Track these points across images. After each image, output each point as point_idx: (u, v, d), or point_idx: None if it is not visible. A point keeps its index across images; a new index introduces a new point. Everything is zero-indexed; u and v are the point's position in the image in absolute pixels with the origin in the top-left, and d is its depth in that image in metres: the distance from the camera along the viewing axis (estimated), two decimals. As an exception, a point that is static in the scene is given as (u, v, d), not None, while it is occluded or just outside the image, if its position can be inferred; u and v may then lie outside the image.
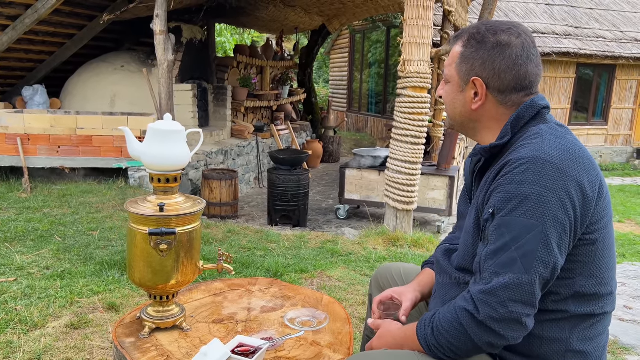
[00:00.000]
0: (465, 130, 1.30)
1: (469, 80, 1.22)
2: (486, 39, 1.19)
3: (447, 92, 1.29)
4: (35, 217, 4.26)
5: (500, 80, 1.19)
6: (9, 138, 5.12)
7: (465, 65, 1.22)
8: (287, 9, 7.85)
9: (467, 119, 1.27)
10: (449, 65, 1.28)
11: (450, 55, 1.28)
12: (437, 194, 5.65)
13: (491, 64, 1.18)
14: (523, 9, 11.92)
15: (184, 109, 6.24)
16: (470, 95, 1.23)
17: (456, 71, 1.25)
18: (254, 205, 6.77)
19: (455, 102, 1.27)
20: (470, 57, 1.21)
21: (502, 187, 1.08)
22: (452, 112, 1.29)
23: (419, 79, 4.49)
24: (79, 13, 5.89)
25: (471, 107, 1.23)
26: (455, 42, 1.26)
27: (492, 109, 1.22)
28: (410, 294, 1.43)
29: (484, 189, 1.16)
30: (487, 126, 1.24)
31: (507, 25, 1.21)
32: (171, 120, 1.55)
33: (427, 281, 1.49)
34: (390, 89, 12.83)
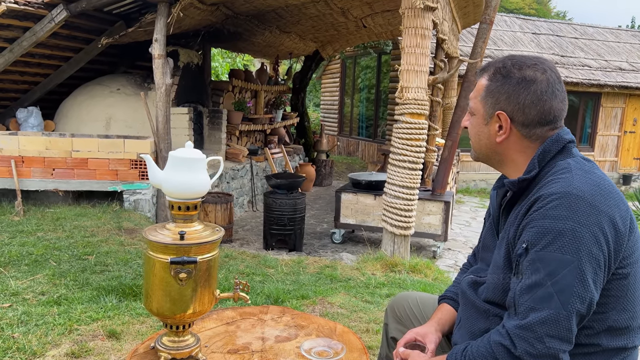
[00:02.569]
0: (490, 162, 1.32)
1: (494, 114, 1.24)
2: (512, 74, 1.22)
3: (472, 124, 1.31)
4: (29, 241, 4.19)
5: (524, 115, 1.21)
6: (3, 160, 5.05)
7: (491, 99, 1.25)
8: (282, 34, 7.95)
9: (492, 151, 1.28)
10: (474, 97, 1.30)
11: (476, 88, 1.30)
12: (433, 218, 5.67)
13: (516, 98, 1.21)
14: (511, 37, 12.23)
15: (180, 132, 6.23)
16: (494, 128, 1.25)
17: (481, 104, 1.27)
18: (248, 229, 6.73)
19: (480, 134, 1.29)
20: (496, 91, 1.24)
21: (535, 222, 1.09)
22: (477, 144, 1.31)
23: (416, 105, 4.55)
24: (77, 36, 5.90)
25: (495, 139, 1.25)
26: (481, 75, 1.29)
27: (516, 142, 1.24)
28: (432, 335, 1.42)
29: (515, 224, 1.16)
30: (512, 159, 1.26)
31: (532, 61, 1.24)
32: (192, 148, 1.55)
33: (446, 319, 1.49)
34: (380, 113, 12.97)
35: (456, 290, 1.57)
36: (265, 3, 5.99)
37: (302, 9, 6.66)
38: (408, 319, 1.65)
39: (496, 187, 1.38)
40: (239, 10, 6.21)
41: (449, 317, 1.49)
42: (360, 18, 7.66)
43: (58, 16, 5.11)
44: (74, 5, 5.11)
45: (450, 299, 1.55)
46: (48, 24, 5.16)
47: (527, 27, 13.10)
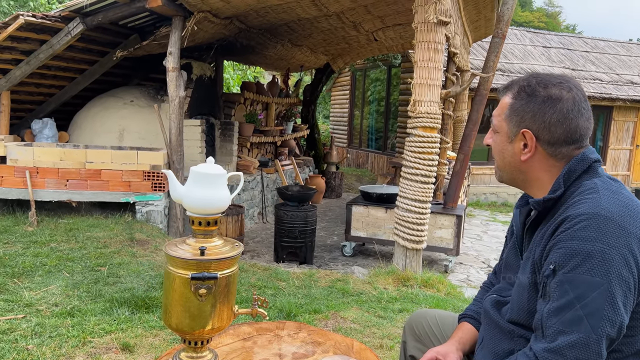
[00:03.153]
0: (514, 180, 1.31)
1: (519, 132, 1.23)
2: (537, 92, 1.21)
3: (495, 142, 1.31)
4: (43, 252, 4.21)
5: (550, 133, 1.20)
6: (18, 171, 5.11)
7: (515, 117, 1.24)
8: (294, 48, 8.01)
9: (516, 169, 1.28)
10: (497, 115, 1.29)
11: (500, 106, 1.30)
12: (445, 232, 5.64)
13: (541, 117, 1.20)
14: (521, 50, 12.22)
15: (192, 144, 6.27)
16: (519, 146, 1.24)
17: (505, 122, 1.27)
18: (259, 241, 6.73)
19: (504, 152, 1.28)
20: (521, 109, 1.23)
21: (562, 243, 1.08)
22: (501, 162, 1.30)
23: (429, 119, 4.55)
24: (92, 49, 5.98)
25: (520, 158, 1.25)
26: (505, 93, 1.29)
27: (541, 160, 1.23)
28: (454, 355, 1.41)
29: (540, 244, 1.15)
30: (537, 177, 1.25)
31: (558, 79, 1.23)
32: (213, 163, 1.56)
33: (467, 338, 1.47)
34: (390, 125, 12.99)
35: (477, 308, 1.55)
36: (278, 17, 6.05)
37: (315, 22, 6.71)
38: (427, 337, 1.63)
39: (519, 206, 1.36)
40: (252, 24, 6.27)
41: (470, 336, 1.47)
42: (371, 31, 7.70)
43: (74, 29, 5.19)
44: (90, 19, 5.18)
45: (471, 317, 1.54)
46: (64, 37, 5.24)
47: (538, 40, 13.10)
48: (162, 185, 5.33)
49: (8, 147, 5.14)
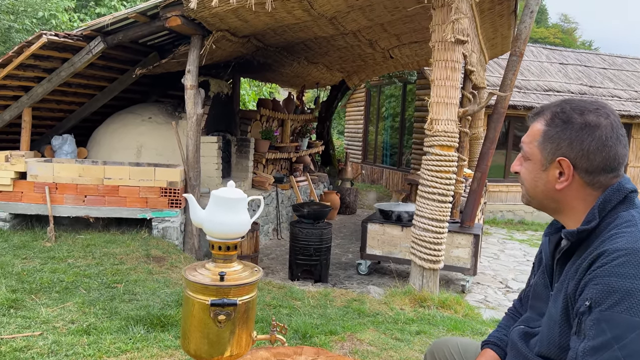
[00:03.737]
0: (545, 208, 1.28)
1: (554, 160, 1.20)
2: (573, 119, 1.18)
3: (527, 170, 1.27)
4: (60, 268, 4.24)
5: (589, 162, 1.17)
6: (37, 187, 5.17)
7: (550, 144, 1.21)
8: (310, 65, 8.06)
9: (549, 198, 1.24)
10: (529, 142, 1.26)
11: (530, 133, 1.26)
12: (462, 252, 5.56)
13: (579, 145, 1.17)
14: (538, 67, 12.16)
15: (208, 160, 6.31)
16: (554, 174, 1.21)
17: (539, 149, 1.23)
18: (273, 258, 6.70)
19: (537, 180, 1.25)
20: (556, 137, 1.20)
21: (599, 279, 1.04)
22: (533, 191, 1.26)
23: (446, 137, 4.52)
24: (112, 67, 6.08)
25: (555, 186, 1.21)
26: (535, 120, 1.25)
27: (578, 189, 1.20)
28: None
29: (575, 278, 1.11)
30: (571, 206, 1.22)
31: (594, 105, 1.20)
32: (234, 187, 1.56)
33: None
34: (405, 141, 12.96)
35: (500, 335, 1.51)
36: (295, 35, 6.10)
37: (331, 40, 6.75)
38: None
39: (548, 234, 1.33)
40: (269, 43, 6.33)
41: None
42: (387, 49, 7.73)
43: (95, 48, 5.28)
44: (111, 38, 5.28)
45: (494, 344, 1.50)
46: (86, 56, 5.33)
47: (554, 57, 13.02)
48: (179, 202, 5.36)
49: (28, 163, 5.21)
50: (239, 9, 4.59)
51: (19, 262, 4.31)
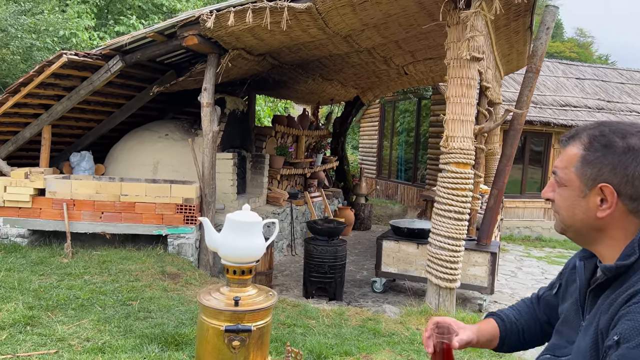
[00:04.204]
0: (582, 238, 1.21)
1: (596, 186, 1.14)
2: (614, 143, 1.13)
3: (563, 197, 1.21)
4: (76, 284, 4.27)
5: (634, 188, 1.11)
6: (56, 203, 5.24)
7: (590, 170, 1.15)
8: (325, 82, 8.10)
9: (589, 226, 1.17)
10: (564, 167, 1.20)
11: (565, 157, 1.20)
12: (478, 270, 5.48)
13: (623, 170, 1.11)
14: (554, 82, 12.06)
15: (224, 176, 6.34)
16: (595, 202, 1.14)
17: (576, 175, 1.17)
18: (287, 274, 6.68)
19: (575, 208, 1.18)
20: (597, 162, 1.14)
21: (632, 315, 1.00)
22: (570, 219, 1.20)
23: (462, 155, 4.49)
24: (130, 84, 6.18)
25: (596, 214, 1.14)
26: (570, 143, 1.19)
27: (620, 217, 1.13)
28: (469, 331, 1.37)
29: (608, 312, 1.07)
30: (611, 236, 1.16)
31: (635, 128, 1.15)
32: (249, 210, 1.55)
33: (488, 331, 1.43)
34: (420, 156, 12.91)
35: (508, 313, 1.50)
36: (310, 53, 6.15)
37: (346, 58, 6.79)
38: None
39: (583, 258, 1.27)
40: (285, 60, 6.38)
41: (491, 331, 1.43)
42: (402, 66, 7.74)
43: (114, 67, 5.37)
44: (129, 57, 5.37)
45: (499, 317, 1.49)
46: (104, 74, 5.43)
47: (571, 72, 12.92)
48: (194, 218, 5.38)
49: (47, 179, 5.29)
50: (255, 27, 4.64)
51: (36, 278, 4.35)
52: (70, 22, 11.39)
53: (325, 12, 4.52)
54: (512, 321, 1.46)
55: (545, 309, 1.46)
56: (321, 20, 4.68)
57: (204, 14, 4.66)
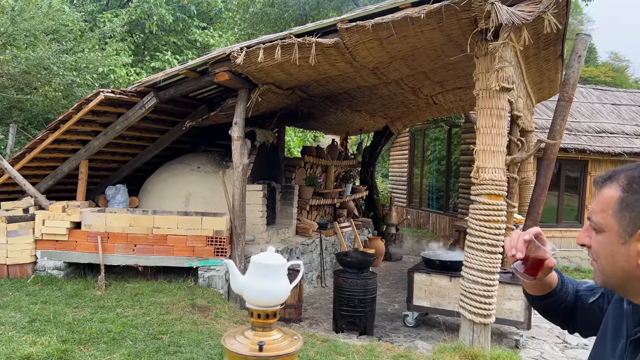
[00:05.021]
0: (625, 288, 1.13)
1: (637, 232, 1.06)
2: None
3: (600, 244, 1.14)
4: (109, 317, 4.32)
5: None
6: (91, 236, 5.37)
7: (629, 214, 1.08)
8: (353, 113, 8.16)
9: (631, 275, 1.09)
10: (601, 211, 1.13)
11: (602, 200, 1.14)
12: (514, 304, 5.30)
13: None
14: (588, 108, 11.80)
15: (254, 208, 6.39)
16: (636, 249, 1.07)
17: (615, 219, 1.10)
18: (317, 307, 6.60)
19: (615, 255, 1.10)
20: (637, 204, 1.07)
21: None
22: (610, 267, 1.12)
23: (494, 186, 4.39)
24: (164, 119, 6.36)
25: (638, 262, 1.07)
26: (607, 185, 1.14)
27: None
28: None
29: None
30: None
31: None
32: (274, 252, 1.55)
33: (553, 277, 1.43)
34: (452, 184, 12.73)
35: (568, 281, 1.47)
36: (338, 86, 6.22)
37: (374, 89, 6.83)
38: None
39: (631, 302, 1.19)
40: (313, 93, 6.47)
41: (554, 280, 1.43)
42: (430, 96, 7.73)
43: (148, 103, 5.55)
44: (163, 93, 5.54)
45: (561, 275, 1.47)
46: (139, 110, 5.61)
47: (606, 97, 12.63)
48: (224, 251, 5.42)
49: (83, 213, 5.44)
50: (284, 63, 4.73)
51: (70, 311, 4.43)
52: (109, 60, 11.88)
53: (352, 46, 4.58)
54: (565, 289, 1.45)
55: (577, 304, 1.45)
56: (348, 54, 4.74)
57: (235, 51, 4.79)
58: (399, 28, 4.28)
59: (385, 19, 4.17)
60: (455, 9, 4.03)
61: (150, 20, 13.99)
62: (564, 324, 1.50)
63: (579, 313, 1.41)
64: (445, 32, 4.60)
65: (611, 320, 1.25)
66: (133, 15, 13.65)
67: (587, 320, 1.44)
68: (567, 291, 1.44)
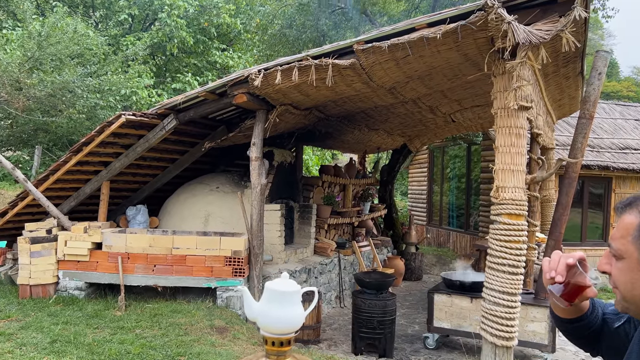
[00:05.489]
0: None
1: None
2: None
3: (620, 271, 1.12)
4: (128, 339, 4.34)
5: None
6: (111, 257, 5.44)
7: None
8: (371, 132, 8.16)
9: None
10: (621, 237, 1.12)
11: (622, 227, 1.13)
12: (537, 326, 5.17)
13: None
14: (611, 124, 11.61)
15: (271, 227, 6.40)
16: None
17: (634, 246, 1.09)
18: (336, 328, 6.53)
19: (635, 282, 1.09)
20: None
21: None
22: (630, 294, 1.11)
23: (514, 206, 4.32)
24: (183, 140, 6.45)
25: None
26: (627, 211, 1.12)
27: None
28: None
29: None
30: None
31: None
32: (288, 278, 1.54)
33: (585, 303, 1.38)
34: (472, 202, 12.58)
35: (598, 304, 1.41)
36: (355, 106, 6.24)
37: (391, 108, 6.84)
38: None
39: None
40: (331, 113, 6.50)
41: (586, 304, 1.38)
42: (448, 114, 7.70)
43: (168, 125, 5.65)
44: (183, 115, 5.64)
45: (593, 301, 1.41)
46: (160, 132, 5.71)
47: (629, 113, 12.41)
48: (242, 271, 5.42)
49: (104, 233, 5.52)
50: (301, 84, 4.78)
51: (90, 331, 4.47)
52: (131, 82, 12.16)
53: (368, 67, 4.61)
54: (596, 313, 1.40)
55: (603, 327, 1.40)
56: (365, 75, 4.76)
57: (253, 73, 4.85)
58: (415, 48, 4.29)
59: (401, 40, 4.19)
60: (471, 29, 4.03)
61: (171, 43, 14.31)
62: (587, 347, 1.45)
63: (604, 337, 1.38)
64: (462, 52, 4.59)
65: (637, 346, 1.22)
66: (155, 38, 13.98)
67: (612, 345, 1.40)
68: (597, 315, 1.40)
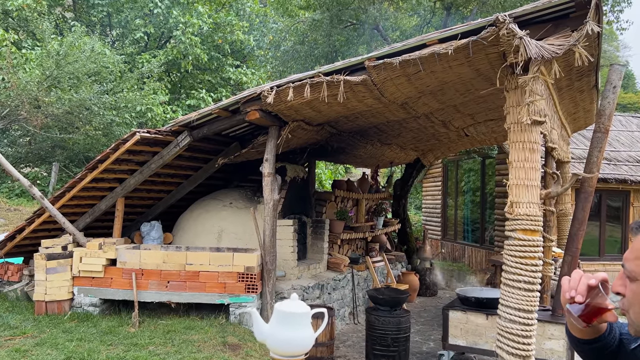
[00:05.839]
0: None
1: None
2: None
3: (634, 292, 1.10)
4: (141, 356, 4.34)
5: None
6: (125, 273, 5.47)
7: None
8: (383, 146, 8.16)
9: None
10: (635, 259, 1.11)
11: (636, 248, 1.11)
12: (555, 344, 5.06)
13: None
14: (628, 137, 11.45)
15: (284, 243, 6.40)
16: None
17: None
18: (350, 345, 6.47)
19: None
20: None
21: None
22: None
23: (529, 221, 4.27)
24: (197, 157, 6.51)
25: None
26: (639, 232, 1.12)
27: None
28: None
29: None
30: None
31: None
32: (297, 299, 1.54)
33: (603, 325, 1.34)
34: (487, 216, 12.45)
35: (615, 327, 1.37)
36: (367, 121, 6.25)
37: (403, 123, 6.83)
38: None
39: None
40: (343, 129, 6.52)
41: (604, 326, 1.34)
42: (462, 128, 7.67)
43: (182, 141, 5.70)
44: (197, 132, 5.69)
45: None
46: (174, 149, 5.76)
47: (647, 125, 12.24)
48: (255, 287, 5.41)
49: (119, 250, 5.56)
50: (313, 101, 4.80)
51: (104, 348, 4.48)
52: (146, 99, 12.34)
53: (380, 83, 4.62)
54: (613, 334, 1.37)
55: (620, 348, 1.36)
56: (377, 90, 4.77)
57: (265, 90, 4.90)
58: (426, 64, 4.29)
59: (412, 56, 4.20)
60: (483, 44, 4.03)
61: (186, 60, 14.53)
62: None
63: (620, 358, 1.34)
64: (474, 67, 4.59)
65: None
66: (170, 56, 14.21)
67: None
68: (614, 336, 1.37)
